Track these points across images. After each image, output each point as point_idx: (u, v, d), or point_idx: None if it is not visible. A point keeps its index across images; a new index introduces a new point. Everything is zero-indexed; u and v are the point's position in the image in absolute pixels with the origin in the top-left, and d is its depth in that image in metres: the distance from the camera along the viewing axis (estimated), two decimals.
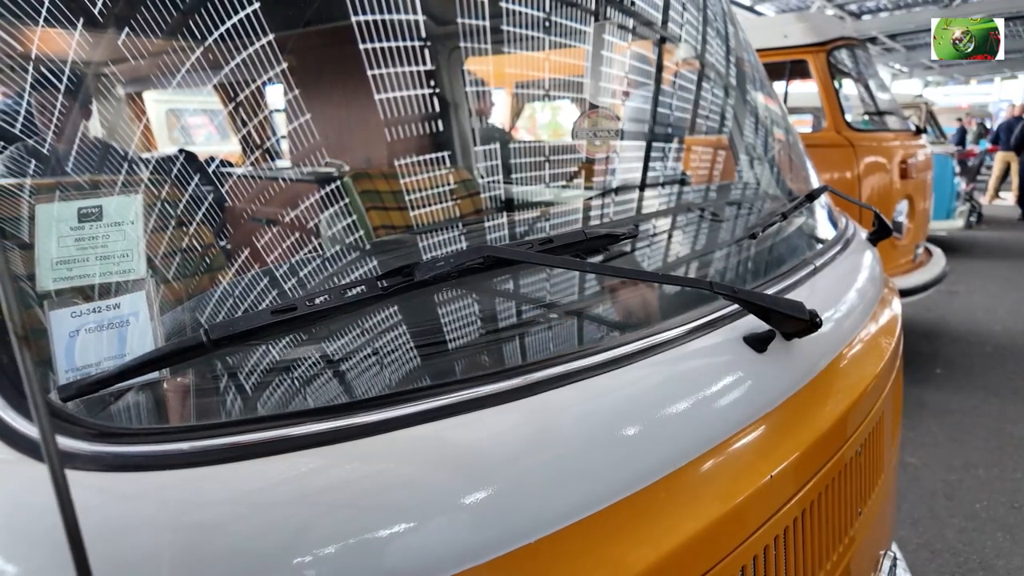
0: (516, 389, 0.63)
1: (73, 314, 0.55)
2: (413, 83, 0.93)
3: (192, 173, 0.74)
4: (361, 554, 0.52)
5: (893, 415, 1.24)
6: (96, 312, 0.55)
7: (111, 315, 0.55)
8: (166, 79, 0.73)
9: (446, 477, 0.57)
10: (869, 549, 1.11)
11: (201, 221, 0.68)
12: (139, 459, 0.51)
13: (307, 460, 0.54)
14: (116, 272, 0.56)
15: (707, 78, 1.48)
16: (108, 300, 0.56)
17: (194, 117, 1.45)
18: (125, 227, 0.56)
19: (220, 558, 0.49)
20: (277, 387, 0.60)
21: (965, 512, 2.80)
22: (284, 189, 0.92)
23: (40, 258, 0.55)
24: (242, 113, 0.90)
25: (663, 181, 1.31)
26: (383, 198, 1.04)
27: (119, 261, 0.56)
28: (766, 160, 1.56)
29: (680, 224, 1.16)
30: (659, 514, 0.65)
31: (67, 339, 0.54)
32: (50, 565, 0.46)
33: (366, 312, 0.63)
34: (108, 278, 0.56)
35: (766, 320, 0.81)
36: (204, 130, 1.19)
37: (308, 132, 0.86)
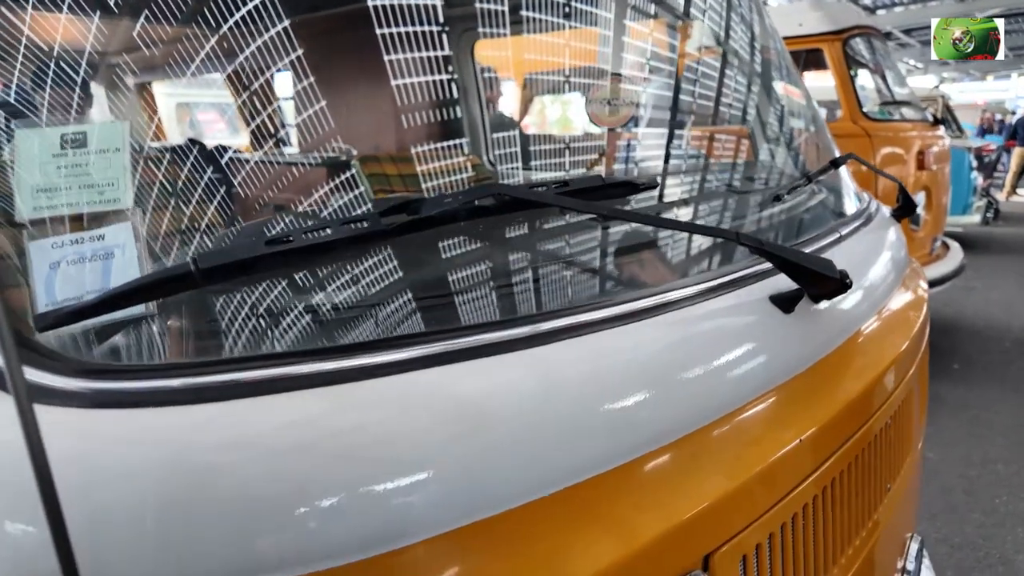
0: (523, 339, 0.59)
1: (54, 245, 0.51)
2: (424, 68, 0.89)
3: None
4: (361, 506, 0.48)
5: (920, 393, 1.19)
6: (78, 243, 0.51)
7: (94, 247, 0.51)
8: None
9: (448, 429, 0.52)
10: (896, 530, 1.06)
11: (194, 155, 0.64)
12: (124, 396, 0.47)
13: (305, 402, 0.50)
14: (101, 202, 0.52)
15: (733, 61, 1.43)
16: (92, 231, 0.52)
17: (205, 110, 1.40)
18: (111, 154, 0.53)
19: (223, 509, 0.45)
20: (272, 325, 0.56)
21: (984, 507, 2.74)
22: (286, 169, 0.88)
23: (20, 186, 0.51)
24: (249, 89, 0.86)
25: (686, 157, 1.26)
26: (391, 182, 1.00)
27: (104, 190, 0.52)
28: (792, 138, 1.51)
29: (702, 188, 1.11)
30: (667, 481, 0.61)
31: (47, 271, 0.50)
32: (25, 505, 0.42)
33: (368, 249, 0.59)
34: (92, 208, 0.52)
35: (794, 277, 0.76)
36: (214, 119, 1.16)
37: (317, 112, 0.83)
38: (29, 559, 0.44)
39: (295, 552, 0.45)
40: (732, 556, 0.62)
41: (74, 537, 0.39)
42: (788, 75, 1.56)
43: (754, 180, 1.24)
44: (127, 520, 0.44)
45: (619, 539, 0.55)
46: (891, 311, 1.05)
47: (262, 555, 0.45)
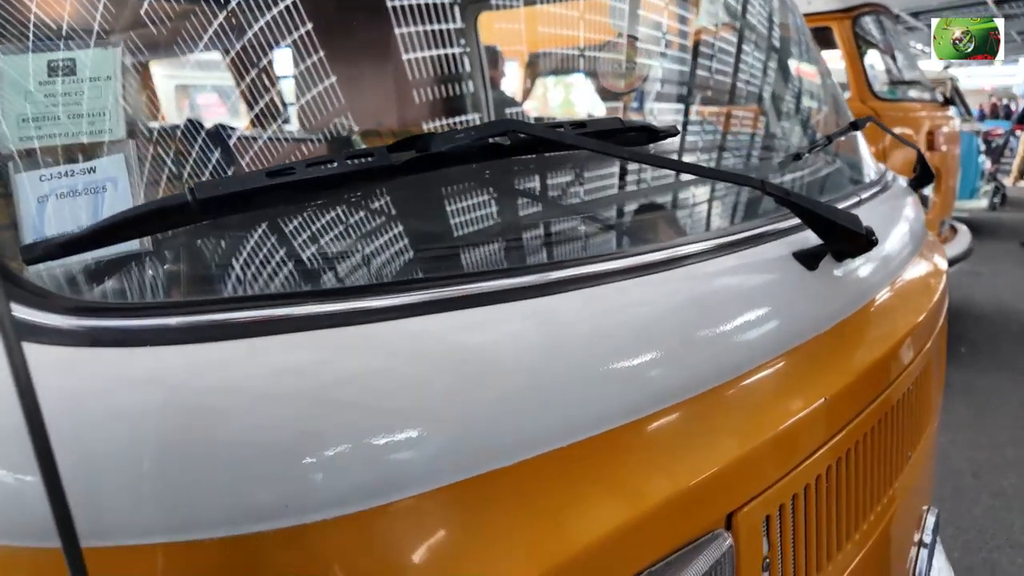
0: (532, 287, 0.55)
1: (42, 177, 0.48)
2: (430, 43, 0.86)
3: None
4: (361, 456, 0.45)
5: (940, 364, 1.16)
6: (68, 176, 0.48)
7: (85, 180, 0.48)
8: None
9: (453, 380, 0.49)
10: (914, 501, 1.03)
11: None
12: (118, 334, 0.44)
13: (306, 346, 0.47)
14: (91, 132, 0.49)
15: (754, 31, 1.39)
16: (82, 163, 0.49)
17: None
18: (102, 83, 0.49)
19: (223, 453, 0.43)
20: (272, 264, 0.53)
21: (992, 490, 2.72)
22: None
23: (5, 115, 0.48)
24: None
25: (705, 121, 1.22)
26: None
27: (95, 120, 0.49)
28: (811, 107, 1.47)
29: (722, 143, 1.07)
30: (686, 439, 0.58)
31: (35, 205, 0.47)
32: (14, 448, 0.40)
33: (374, 187, 0.56)
34: (82, 139, 0.49)
35: (818, 232, 0.73)
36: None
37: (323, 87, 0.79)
38: (20, 506, 0.42)
39: (294, 500, 0.43)
40: (756, 515, 0.60)
41: (67, 482, 0.37)
42: (808, 47, 1.52)
43: (774, 145, 1.21)
44: (123, 464, 0.42)
45: (635, 496, 0.53)
46: (912, 277, 1.02)
47: (260, 502, 0.42)
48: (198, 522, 0.42)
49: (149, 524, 0.41)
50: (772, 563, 0.63)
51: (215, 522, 0.42)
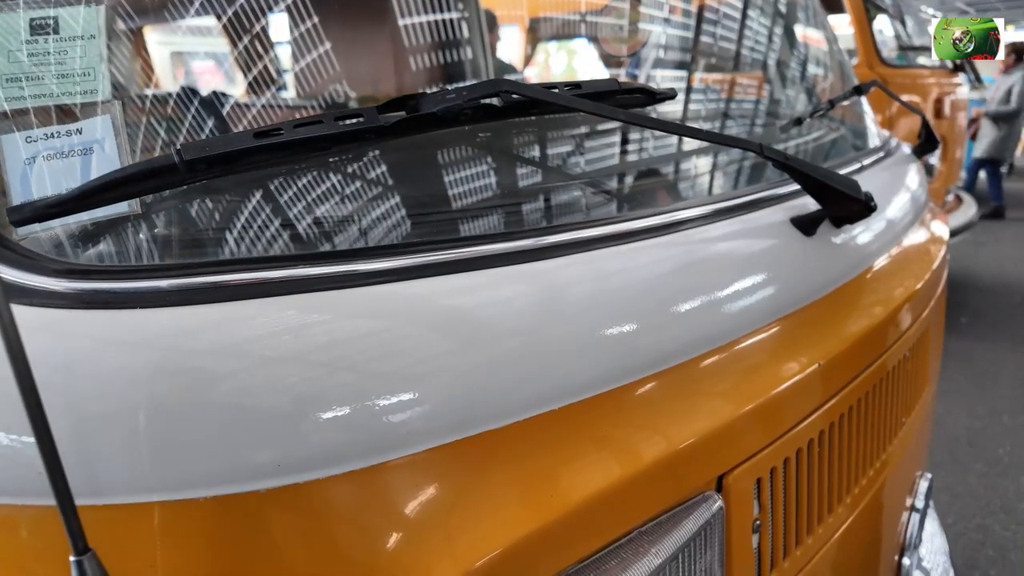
0: (526, 251, 0.55)
1: (28, 139, 0.47)
2: (429, 6, 0.84)
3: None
4: (356, 416, 0.46)
5: (938, 331, 1.16)
6: (54, 137, 0.48)
7: (72, 141, 0.48)
8: None
9: (447, 341, 0.50)
10: (908, 467, 1.04)
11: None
12: (110, 296, 0.44)
13: (299, 308, 0.47)
14: (77, 92, 0.48)
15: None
16: (68, 124, 0.48)
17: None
18: (85, 42, 0.48)
19: (216, 413, 0.43)
20: (263, 226, 0.53)
21: (988, 458, 2.75)
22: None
23: None
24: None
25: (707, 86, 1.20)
26: None
27: (80, 80, 0.48)
28: (816, 72, 1.44)
29: (725, 108, 1.06)
30: (679, 402, 0.58)
31: (22, 167, 0.47)
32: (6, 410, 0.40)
33: (364, 148, 0.55)
34: (68, 99, 0.48)
35: (816, 197, 0.72)
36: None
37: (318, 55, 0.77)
38: (18, 465, 0.42)
39: (287, 460, 0.43)
40: (747, 479, 0.60)
41: (61, 441, 0.37)
42: (814, 11, 1.48)
43: (776, 111, 1.19)
44: (117, 423, 0.42)
45: (627, 457, 0.53)
46: (911, 244, 1.02)
47: (254, 462, 0.43)
48: (192, 481, 0.42)
49: (143, 482, 0.42)
50: (763, 525, 0.63)
51: (209, 481, 0.42)
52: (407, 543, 0.46)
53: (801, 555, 0.70)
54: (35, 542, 0.43)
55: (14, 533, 0.43)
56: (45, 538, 0.42)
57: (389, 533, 0.46)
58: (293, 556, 0.43)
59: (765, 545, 0.64)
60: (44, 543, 0.42)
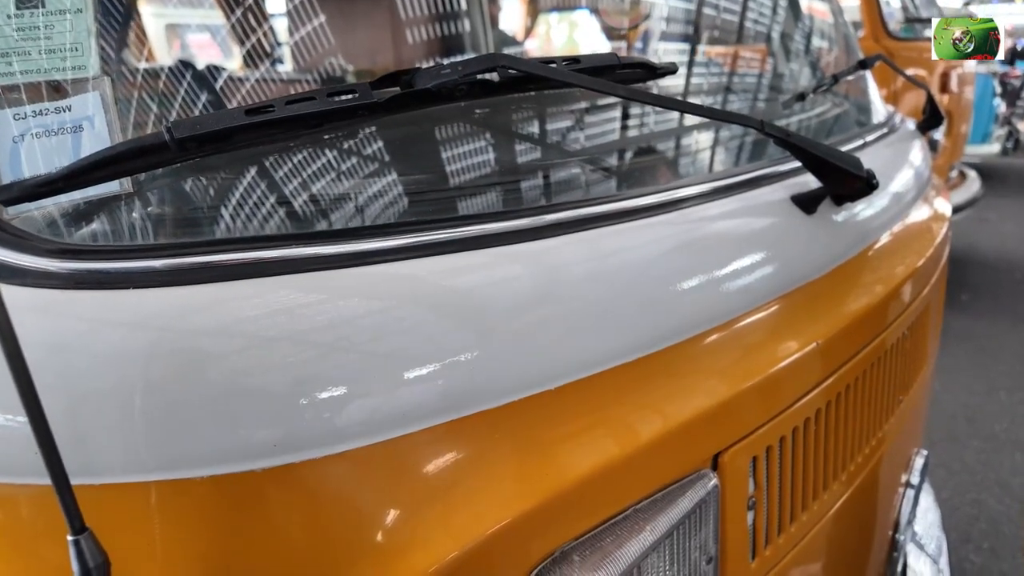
0: (526, 231, 0.55)
1: (16, 116, 0.47)
2: None
3: None
4: (355, 395, 0.46)
5: (937, 310, 1.16)
6: (43, 115, 0.47)
7: (61, 118, 0.47)
8: None
9: (450, 316, 0.49)
10: (904, 444, 1.05)
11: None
12: (103, 276, 0.44)
13: (296, 288, 0.46)
14: (64, 68, 0.47)
15: None
16: (57, 102, 0.47)
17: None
18: (72, 16, 0.47)
19: (211, 393, 0.43)
20: (257, 205, 0.52)
21: (984, 434, 2.77)
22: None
23: None
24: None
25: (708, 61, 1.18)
26: None
27: (67, 56, 0.47)
28: (820, 46, 1.42)
29: (727, 84, 1.04)
30: (678, 380, 0.58)
31: (11, 145, 0.46)
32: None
33: (358, 125, 0.54)
34: (55, 75, 0.47)
35: (818, 175, 0.71)
36: None
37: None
38: (12, 444, 0.42)
39: (284, 439, 0.43)
40: (742, 456, 0.61)
41: (55, 420, 0.37)
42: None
43: (779, 86, 1.17)
44: (111, 403, 0.42)
45: (625, 434, 0.53)
46: (913, 222, 1.01)
47: (250, 441, 0.43)
48: (189, 460, 0.42)
49: (140, 462, 0.42)
50: (758, 502, 0.64)
51: (206, 460, 0.42)
52: (404, 520, 0.46)
53: (796, 531, 0.71)
54: (34, 521, 0.43)
55: (13, 512, 0.43)
56: (44, 517, 0.42)
57: (386, 510, 0.46)
58: (290, 534, 0.44)
59: (760, 522, 0.65)
60: (43, 522, 0.42)
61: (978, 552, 2.16)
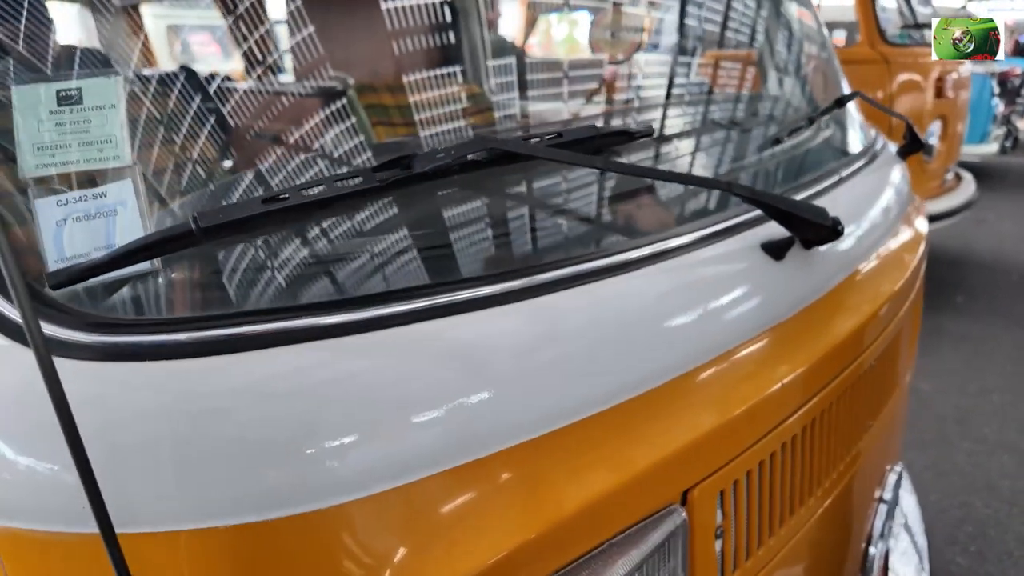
0: (520, 290, 0.61)
1: (59, 203, 0.53)
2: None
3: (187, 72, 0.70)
4: (365, 443, 0.52)
5: (910, 333, 1.22)
6: (82, 201, 0.53)
7: (98, 204, 0.53)
8: None
9: (449, 372, 0.56)
10: (877, 463, 1.11)
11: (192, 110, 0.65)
12: (136, 348, 0.50)
13: (310, 352, 0.53)
14: (100, 159, 0.53)
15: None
16: (94, 189, 0.53)
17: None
18: (107, 111, 0.53)
19: (234, 451, 0.49)
20: (277, 279, 0.58)
21: (975, 436, 2.82)
22: (284, 101, 0.87)
23: (21, 144, 0.52)
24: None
25: (685, 88, 1.24)
26: (388, 113, 0.99)
27: (103, 147, 0.53)
28: (797, 71, 1.47)
29: (701, 129, 1.10)
30: (654, 421, 0.65)
31: (54, 228, 0.52)
32: (48, 446, 0.46)
33: (363, 205, 0.60)
34: (92, 165, 0.53)
35: (786, 225, 0.77)
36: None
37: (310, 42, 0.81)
38: (55, 498, 0.48)
39: (298, 490, 0.49)
40: (710, 491, 0.67)
41: (98, 477, 0.43)
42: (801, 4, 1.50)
43: (758, 115, 1.23)
44: (143, 463, 0.48)
45: (605, 475, 0.59)
46: (886, 254, 1.07)
47: (267, 491, 0.49)
48: (213, 510, 0.48)
49: (170, 512, 0.48)
50: (725, 531, 0.70)
51: (228, 510, 0.49)
52: (410, 559, 0.52)
53: (764, 554, 0.77)
54: (78, 567, 0.49)
55: (59, 560, 0.49)
56: (84, 564, 0.48)
57: (395, 550, 0.52)
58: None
59: (728, 548, 0.71)
60: (82, 568, 0.49)
61: (964, 555, 2.22)
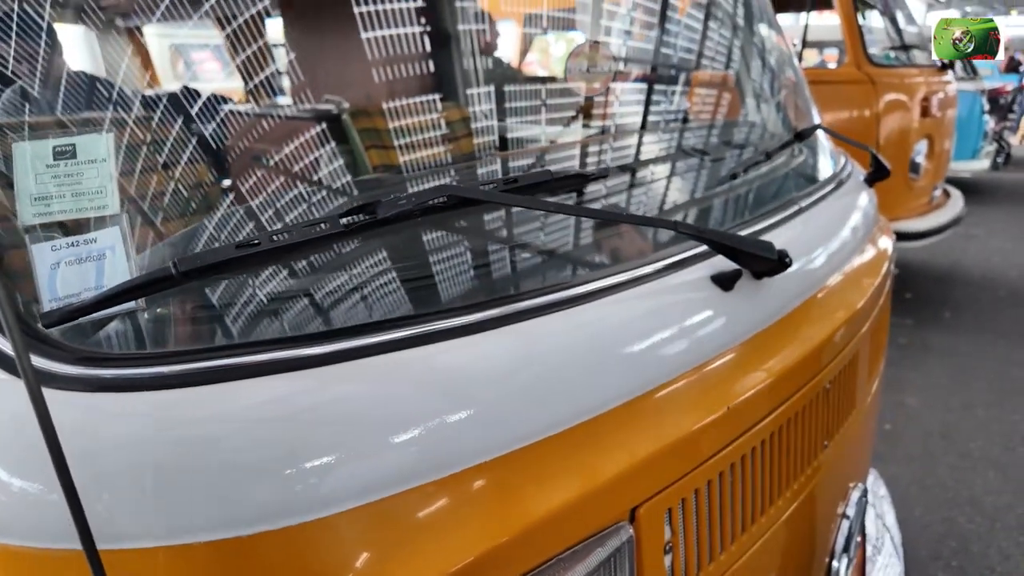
0: (489, 320, 0.66)
1: (53, 248, 0.58)
2: (407, 15, 0.92)
3: (172, 108, 0.76)
4: (348, 464, 0.56)
5: (873, 353, 1.26)
6: (74, 246, 0.58)
7: (88, 249, 0.59)
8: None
9: (430, 394, 0.61)
10: (838, 480, 1.15)
11: (179, 158, 0.70)
12: (123, 381, 0.55)
13: (293, 381, 0.57)
14: (91, 208, 0.59)
15: (704, 9, 1.44)
16: (85, 235, 0.59)
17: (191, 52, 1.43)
18: (98, 164, 0.59)
19: (210, 472, 0.54)
20: (260, 315, 0.64)
21: (959, 451, 2.86)
22: (271, 127, 0.93)
23: (20, 194, 0.58)
24: (232, 46, 0.91)
25: (653, 119, 1.30)
26: (376, 136, 1.04)
27: (93, 197, 0.59)
28: (764, 99, 1.53)
29: (661, 164, 1.16)
30: (612, 438, 0.70)
31: (49, 271, 0.58)
32: (39, 469, 0.51)
33: (333, 247, 0.66)
34: (84, 214, 0.59)
35: (734, 259, 0.82)
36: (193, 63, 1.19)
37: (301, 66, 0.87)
38: (45, 517, 0.53)
39: (276, 505, 0.54)
40: (657, 509, 0.72)
41: (84, 498, 0.48)
42: (767, 23, 1.56)
43: (727, 142, 1.28)
44: (128, 481, 0.53)
45: (551, 496, 0.64)
46: (845, 278, 1.12)
47: (244, 510, 0.54)
48: (191, 527, 0.53)
49: (150, 530, 0.53)
50: (675, 546, 0.75)
51: (206, 527, 0.53)
52: (379, 566, 0.56)
53: (715, 569, 0.82)
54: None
55: (45, 572, 0.54)
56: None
57: (367, 559, 0.56)
58: None
59: (678, 564, 0.76)
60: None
61: (947, 570, 2.25)
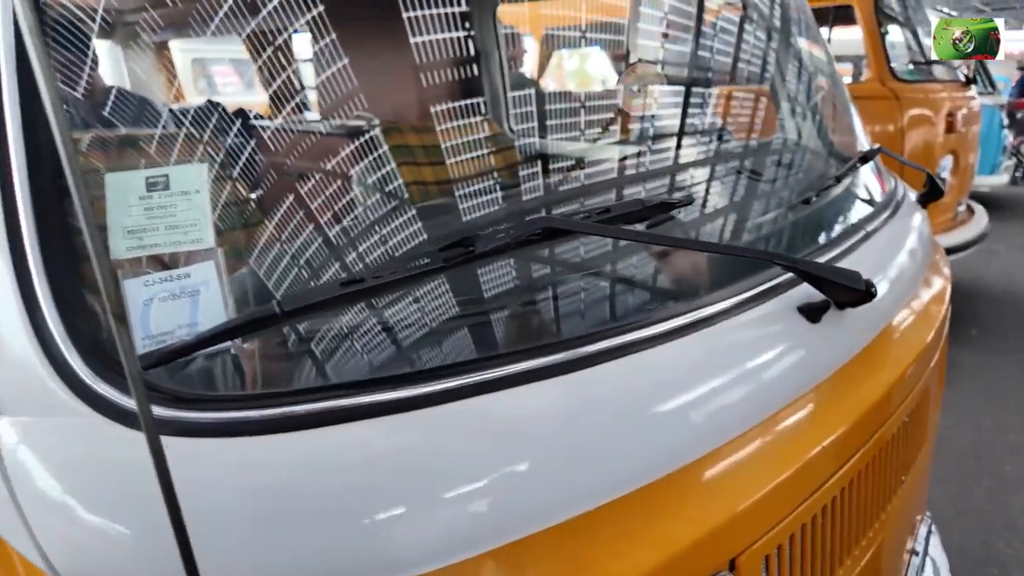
0: (564, 363, 0.63)
1: (146, 283, 0.56)
2: (441, 27, 0.90)
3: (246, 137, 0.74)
4: (417, 517, 0.54)
5: (938, 381, 1.23)
6: (168, 281, 0.56)
7: (182, 284, 0.56)
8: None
9: (495, 449, 0.58)
10: (908, 516, 1.12)
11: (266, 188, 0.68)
12: (211, 425, 0.52)
13: (368, 429, 0.55)
14: (185, 241, 0.57)
15: (755, 25, 1.42)
16: (179, 269, 0.57)
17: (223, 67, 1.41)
18: (192, 196, 0.57)
19: (291, 518, 0.51)
20: (339, 358, 0.61)
21: (993, 473, 2.80)
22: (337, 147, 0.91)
23: (112, 228, 0.56)
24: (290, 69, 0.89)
25: (706, 140, 1.28)
26: (412, 153, 1.02)
27: (188, 230, 0.57)
28: (815, 118, 1.50)
29: (731, 190, 1.13)
30: (701, 490, 0.67)
31: (142, 308, 0.56)
32: (145, 520, 0.48)
33: (424, 284, 0.63)
34: (178, 247, 0.57)
35: (821, 290, 0.79)
36: (242, 84, 1.17)
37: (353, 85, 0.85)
38: (154, 562, 0.51)
39: (376, 562, 0.52)
40: (756, 557, 0.68)
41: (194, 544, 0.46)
42: (814, 40, 1.53)
43: (789, 172, 1.25)
44: (231, 527, 0.51)
45: (654, 547, 0.61)
46: (914, 308, 1.09)
47: (351, 562, 0.51)
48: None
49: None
50: None
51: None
52: None
53: None
54: None
55: None
56: None
57: None
58: None
59: None
60: None
61: None
